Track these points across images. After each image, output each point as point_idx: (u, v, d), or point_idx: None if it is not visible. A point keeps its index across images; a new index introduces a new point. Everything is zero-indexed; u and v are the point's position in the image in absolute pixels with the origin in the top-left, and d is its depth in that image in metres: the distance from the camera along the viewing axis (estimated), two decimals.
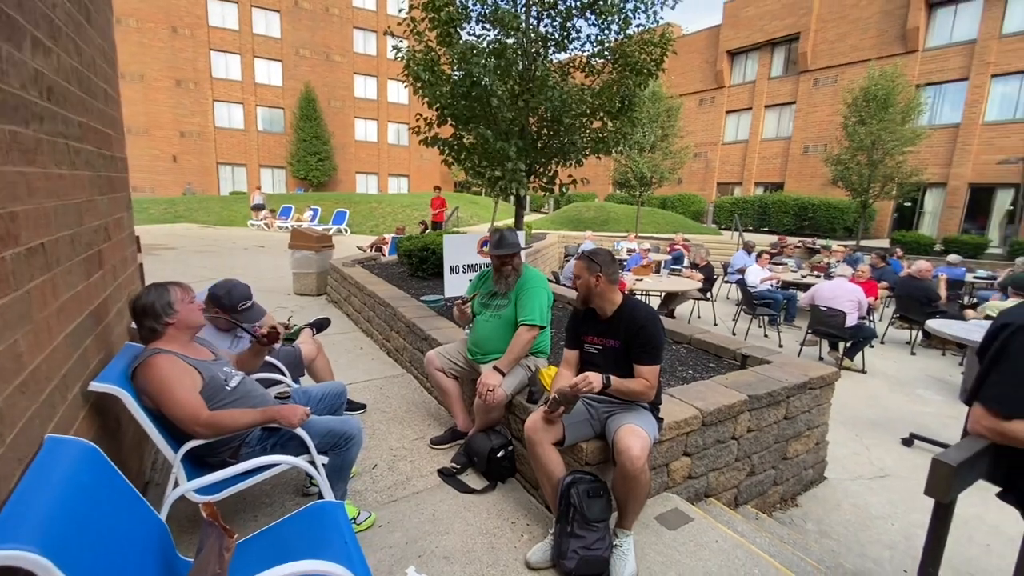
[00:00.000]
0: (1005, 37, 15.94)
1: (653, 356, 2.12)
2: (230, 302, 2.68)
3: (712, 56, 25.04)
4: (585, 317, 2.35)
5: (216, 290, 2.71)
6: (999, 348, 1.53)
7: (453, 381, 3.06)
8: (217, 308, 2.66)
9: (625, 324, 2.18)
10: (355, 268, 6.92)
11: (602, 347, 2.24)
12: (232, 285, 2.74)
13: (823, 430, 3.54)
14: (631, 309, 2.22)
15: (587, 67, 4.31)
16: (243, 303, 2.71)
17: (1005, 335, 1.53)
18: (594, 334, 2.26)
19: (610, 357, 2.21)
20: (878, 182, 14.75)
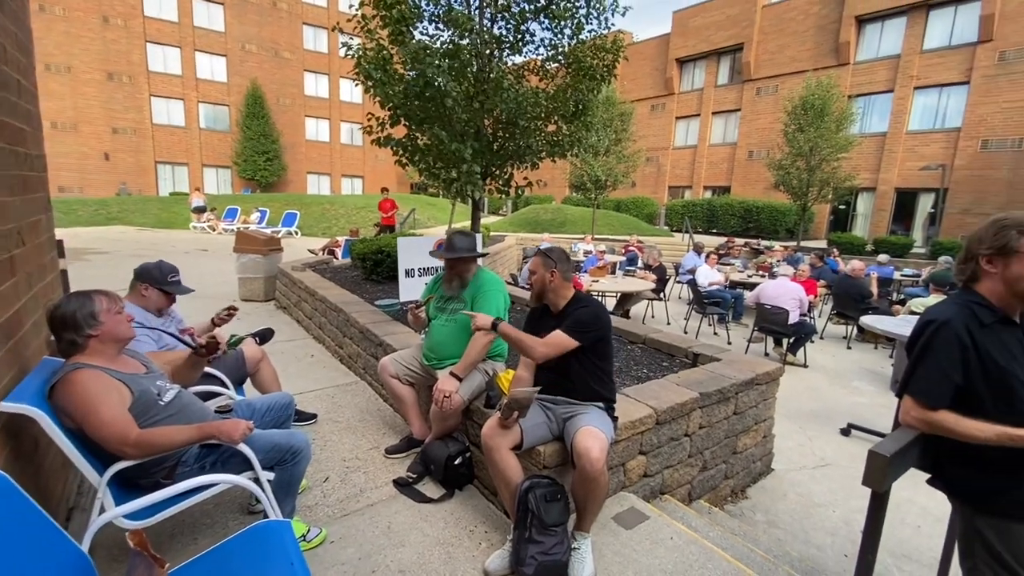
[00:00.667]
0: (925, 53, 17.28)
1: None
2: (160, 274, 2.67)
3: (662, 64, 25.85)
4: (541, 314, 2.37)
5: (145, 266, 2.69)
6: (924, 344, 1.63)
7: (409, 388, 2.99)
8: (147, 284, 2.64)
9: (571, 315, 2.24)
10: (305, 272, 6.68)
11: None
12: (159, 261, 2.75)
13: (770, 424, 3.69)
14: (578, 302, 2.30)
15: (541, 71, 4.33)
16: (172, 275, 2.72)
17: (929, 331, 1.62)
18: (547, 330, 2.26)
19: (567, 352, 2.21)
20: (815, 186, 15.65)
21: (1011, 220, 1.56)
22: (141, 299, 2.63)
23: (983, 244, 1.60)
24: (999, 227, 1.57)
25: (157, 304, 2.68)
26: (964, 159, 16.39)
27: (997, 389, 1.56)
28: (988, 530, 1.60)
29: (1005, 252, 1.55)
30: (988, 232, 1.59)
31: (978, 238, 1.62)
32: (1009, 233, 1.54)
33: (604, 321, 2.24)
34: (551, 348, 2.18)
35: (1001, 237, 1.56)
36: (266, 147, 27.33)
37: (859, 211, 19.72)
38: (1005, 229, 1.55)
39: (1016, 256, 1.53)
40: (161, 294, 2.67)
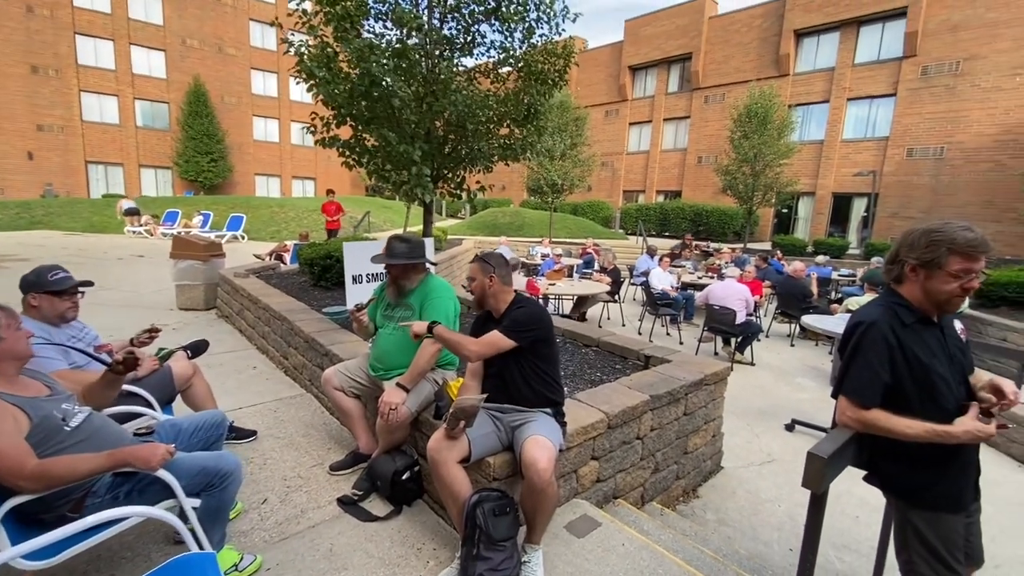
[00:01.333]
0: (857, 66, 18.43)
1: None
2: (38, 277, 2.36)
3: (616, 70, 26.43)
4: (485, 320, 2.33)
5: (24, 276, 2.38)
6: (854, 345, 1.68)
7: (354, 400, 2.86)
8: (32, 293, 2.35)
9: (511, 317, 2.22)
10: (249, 279, 6.35)
11: None
12: (37, 267, 2.44)
13: (719, 423, 3.77)
14: (516, 304, 2.28)
15: (493, 74, 4.29)
16: (53, 273, 2.40)
17: (859, 333, 1.67)
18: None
19: (508, 356, 2.17)
20: (760, 191, 16.39)
21: (944, 236, 1.54)
22: (35, 311, 2.32)
23: (913, 252, 1.62)
24: (931, 240, 1.57)
25: (54, 312, 2.37)
26: (892, 166, 17.58)
27: (921, 386, 1.62)
28: (920, 523, 1.67)
29: (930, 266, 1.57)
30: (920, 241, 1.60)
31: (909, 244, 1.63)
32: (940, 250, 1.55)
33: (542, 322, 2.22)
34: (484, 347, 2.15)
35: (931, 251, 1.57)
36: (210, 147, 26.06)
37: (800, 214, 20.78)
38: (937, 245, 1.55)
39: (939, 272, 1.56)
40: (52, 297, 2.36)
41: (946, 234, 1.55)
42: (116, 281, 8.71)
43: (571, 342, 4.48)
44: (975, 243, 1.52)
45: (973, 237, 1.53)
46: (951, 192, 16.39)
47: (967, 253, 1.53)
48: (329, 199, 13.34)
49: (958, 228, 1.55)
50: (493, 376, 2.24)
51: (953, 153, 16.30)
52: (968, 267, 1.54)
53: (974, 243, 1.52)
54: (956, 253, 1.53)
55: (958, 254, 1.53)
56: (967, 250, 1.53)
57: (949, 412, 1.62)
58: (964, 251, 1.53)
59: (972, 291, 1.57)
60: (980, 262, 1.55)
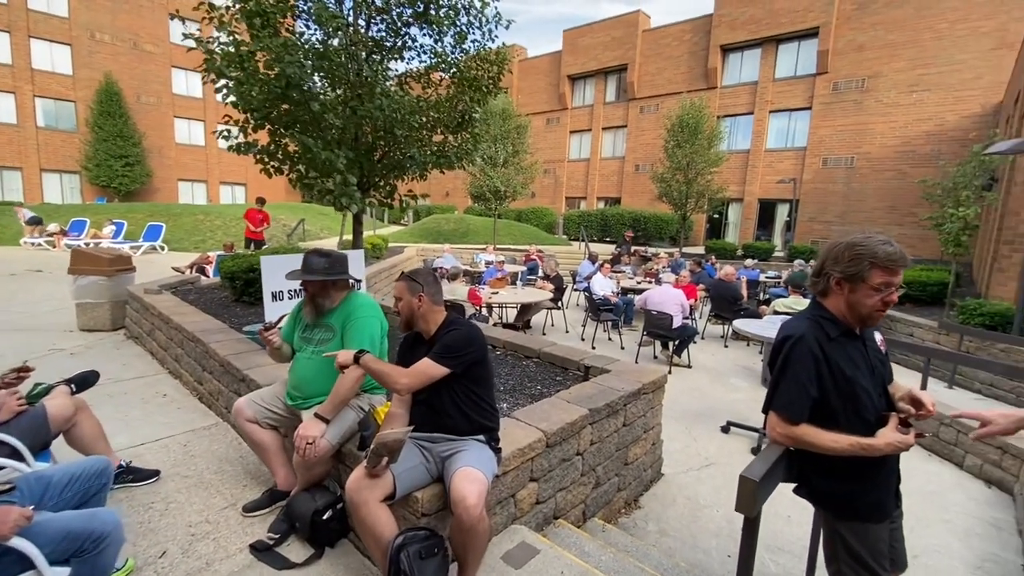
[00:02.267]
0: (777, 81, 19.72)
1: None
2: None
3: (556, 79, 26.89)
4: (413, 343, 2.17)
5: None
6: (784, 359, 1.67)
7: (271, 432, 2.60)
8: None
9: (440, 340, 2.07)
10: (162, 295, 5.80)
11: None
12: None
13: (658, 430, 3.78)
14: (449, 325, 2.13)
15: (425, 79, 4.13)
16: None
17: (787, 347, 1.66)
18: (420, 358, 2.06)
19: (439, 382, 2.02)
20: (693, 197, 17.13)
21: (867, 249, 1.56)
22: None
23: (837, 265, 1.63)
24: (855, 254, 1.58)
25: None
26: (810, 174, 18.90)
27: (846, 399, 1.63)
28: (848, 534, 1.68)
29: (854, 279, 1.59)
30: (844, 255, 1.61)
31: (834, 257, 1.64)
32: (862, 263, 1.57)
33: (477, 343, 2.08)
34: (415, 378, 1.98)
35: (854, 264, 1.58)
36: (125, 150, 24.04)
37: (730, 220, 21.92)
38: (859, 258, 1.57)
39: (862, 286, 1.58)
40: None
41: (868, 248, 1.57)
42: (5, 301, 7.75)
43: (512, 354, 4.38)
44: (895, 257, 1.55)
45: (893, 251, 1.56)
46: (861, 198, 17.83)
47: (887, 267, 1.56)
48: (256, 207, 12.36)
49: (879, 242, 1.57)
50: (422, 403, 2.08)
51: (861, 162, 17.75)
52: (888, 280, 1.57)
53: (894, 257, 1.55)
54: (878, 267, 1.56)
55: (879, 268, 1.56)
56: (888, 264, 1.55)
57: (871, 424, 1.64)
58: (885, 264, 1.55)
59: (891, 304, 1.60)
60: (899, 276, 1.58)
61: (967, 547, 3.20)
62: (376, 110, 3.28)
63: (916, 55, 16.39)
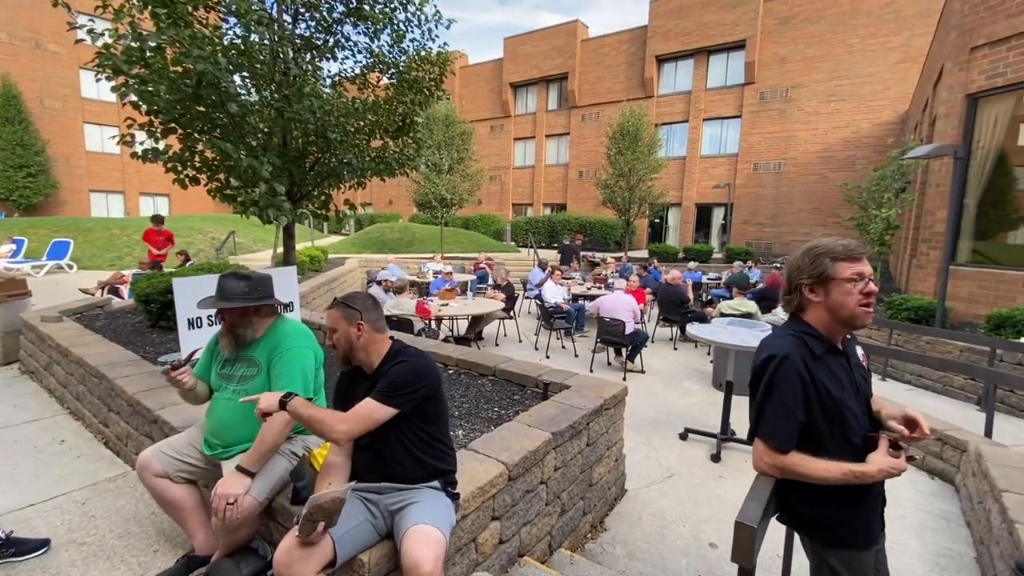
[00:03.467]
0: (709, 90, 20.63)
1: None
2: None
3: (498, 86, 26.90)
4: (352, 379, 1.87)
5: None
6: (768, 382, 1.53)
7: (187, 488, 2.21)
8: None
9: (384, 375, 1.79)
10: (62, 323, 5.09)
11: None
12: None
13: (620, 445, 3.65)
14: (395, 357, 1.85)
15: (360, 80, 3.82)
16: None
17: (772, 368, 1.53)
18: (361, 395, 1.78)
19: (385, 424, 1.74)
20: (636, 203, 17.54)
21: (822, 248, 1.55)
22: None
23: (803, 274, 1.57)
24: (813, 256, 1.56)
25: None
26: (742, 179, 19.87)
27: (833, 421, 1.52)
28: (836, 561, 1.57)
29: (823, 280, 1.53)
30: (804, 261, 1.57)
31: (797, 267, 1.59)
32: (823, 261, 1.53)
33: (428, 376, 1.81)
34: (357, 423, 1.69)
35: (817, 265, 1.54)
36: (26, 159, 21.68)
37: (670, 224, 22.67)
38: (819, 257, 1.54)
39: (834, 283, 1.52)
40: None
41: (823, 246, 1.55)
42: None
43: (466, 373, 4.12)
44: (851, 247, 1.53)
45: (847, 243, 1.55)
46: (788, 201, 18.92)
47: (849, 256, 1.51)
48: (154, 227, 10.57)
49: (831, 240, 1.57)
50: (366, 450, 1.80)
51: (788, 168, 18.85)
52: (858, 270, 1.50)
53: (850, 247, 1.53)
54: (840, 259, 1.51)
55: (842, 260, 1.51)
56: (848, 254, 1.52)
57: (857, 446, 1.53)
58: (845, 255, 1.51)
59: (873, 296, 1.52)
60: (865, 264, 1.53)
61: (922, 543, 3.26)
62: (306, 112, 2.94)
63: (832, 68, 17.63)
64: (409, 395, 1.73)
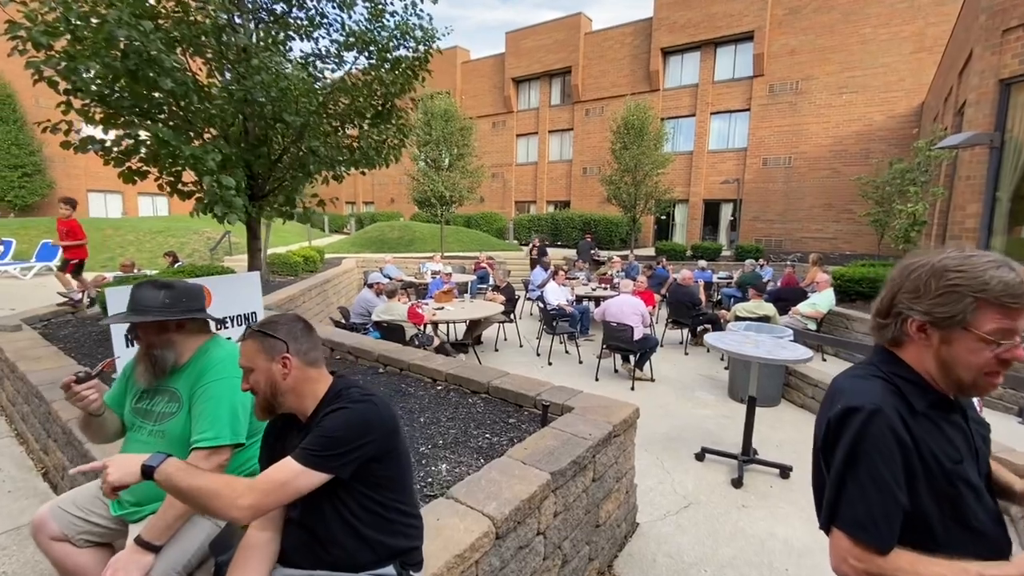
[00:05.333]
0: (717, 83, 20.05)
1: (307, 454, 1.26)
2: None
3: (500, 82, 26.40)
4: (284, 428, 1.41)
5: None
6: (851, 447, 1.05)
7: (94, 554, 1.76)
8: None
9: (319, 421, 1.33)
10: (20, 332, 4.68)
11: None
12: None
13: (631, 475, 3.19)
14: (335, 400, 1.37)
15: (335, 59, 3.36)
16: None
17: (857, 426, 1.05)
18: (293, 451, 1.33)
19: (319, 493, 1.29)
20: (642, 199, 17.00)
21: (968, 278, 0.98)
22: None
23: (920, 301, 1.04)
24: (950, 285, 0.99)
25: None
26: (751, 174, 19.30)
27: (944, 501, 1.05)
28: None
29: (948, 325, 1.01)
30: (930, 286, 1.02)
31: (913, 289, 1.05)
32: (963, 301, 0.98)
33: (376, 428, 1.33)
34: (268, 495, 1.20)
35: (949, 302, 0.99)
36: (21, 159, 21.39)
37: (677, 221, 22.12)
38: (958, 293, 0.98)
39: (964, 336, 1.00)
40: None
41: (971, 275, 0.97)
42: None
43: (455, 390, 3.67)
44: (1017, 287, 0.95)
45: (1013, 279, 0.95)
46: (800, 196, 18.34)
47: (1006, 304, 0.96)
48: (63, 215, 7.22)
49: (989, 265, 0.97)
50: (296, 525, 1.35)
51: (799, 162, 18.27)
52: (1010, 326, 0.97)
53: (1016, 288, 0.95)
54: (989, 305, 0.96)
55: (993, 306, 0.96)
56: (1007, 299, 0.96)
57: (981, 534, 1.07)
58: (1002, 301, 0.96)
59: (1013, 363, 1.01)
60: (1021, 318, 0.98)
61: None
62: (257, 90, 2.48)
63: (844, 59, 17.03)
64: (347, 455, 1.27)
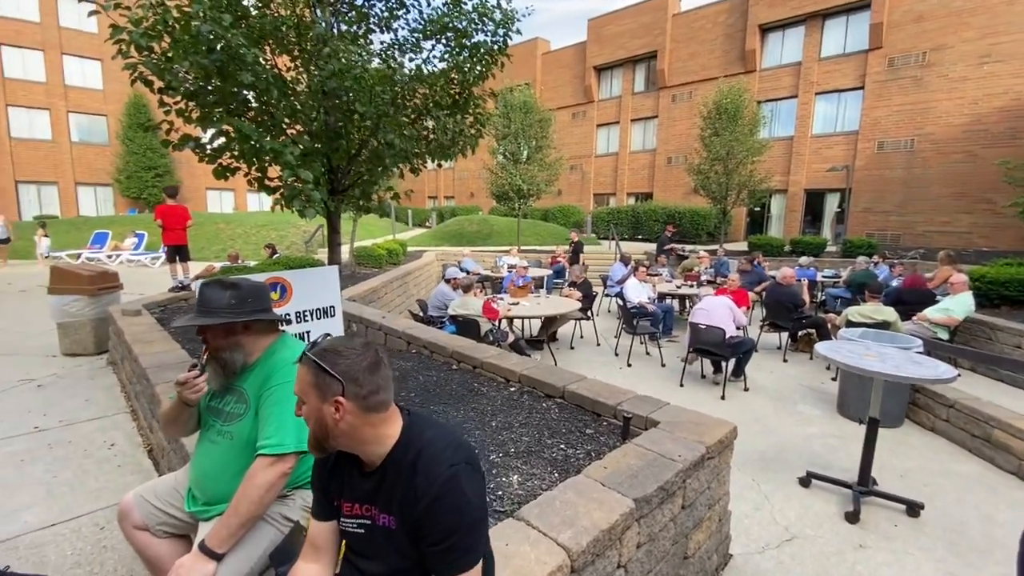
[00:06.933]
0: (824, 60, 18.12)
1: (462, 560, 1.07)
2: None
3: (581, 71, 25.81)
4: (338, 464, 1.24)
5: None
6: None
7: (173, 544, 1.78)
8: None
9: (403, 488, 1.10)
10: (140, 317, 5.17)
11: (369, 523, 1.17)
12: None
13: (725, 501, 2.83)
14: (415, 458, 1.11)
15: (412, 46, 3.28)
16: None
17: None
18: (354, 498, 1.19)
19: (384, 543, 1.14)
20: (733, 189, 15.75)
21: None
22: None
23: None
24: None
25: None
26: (863, 160, 17.26)
27: None
28: None
29: None
30: None
31: None
32: None
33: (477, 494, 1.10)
34: None
35: None
36: (154, 162, 24.33)
37: (773, 213, 20.38)
38: None
39: None
40: None
41: None
42: (7, 319, 7.38)
43: (529, 392, 3.49)
44: None
45: None
46: (923, 185, 16.11)
47: None
48: (169, 201, 8.13)
49: None
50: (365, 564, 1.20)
51: (923, 145, 16.04)
52: None
53: None
54: None
55: None
56: None
57: None
58: None
59: None
60: None
61: None
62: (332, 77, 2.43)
63: (987, 23, 14.62)
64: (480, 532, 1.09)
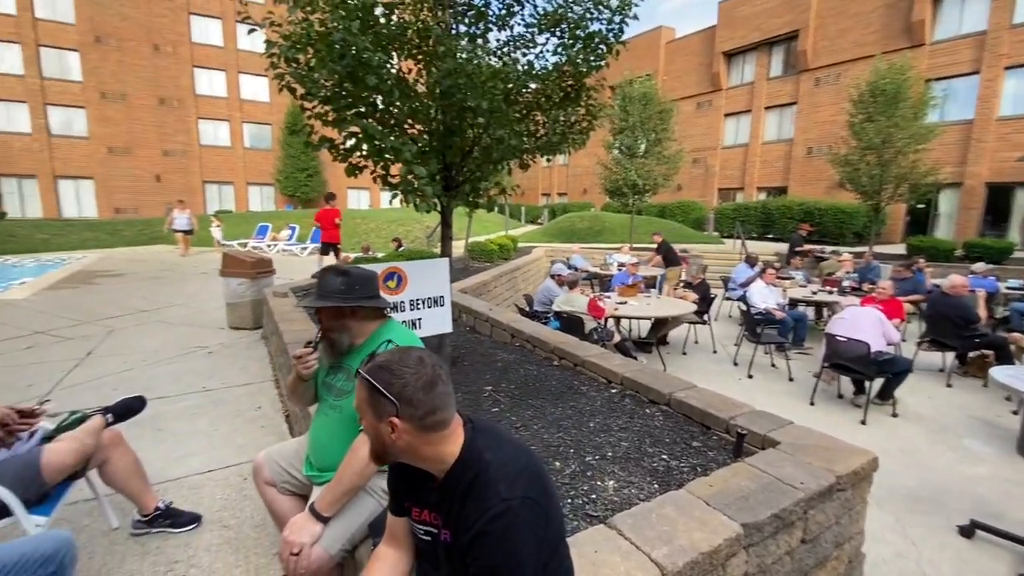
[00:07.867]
0: (1016, 27, 14.89)
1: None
2: None
3: (708, 58, 24.16)
4: (411, 476, 1.21)
5: None
6: None
7: (294, 502, 2.00)
8: None
9: (458, 509, 1.09)
10: (286, 298, 5.91)
11: (435, 532, 1.18)
12: None
13: (857, 542, 2.45)
14: (471, 481, 1.08)
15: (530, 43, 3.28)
16: None
17: None
18: (423, 505, 1.21)
19: (445, 556, 1.16)
20: (891, 183, 13.51)
21: None
22: None
23: None
24: None
25: None
26: None
27: None
28: None
29: None
30: None
31: None
32: None
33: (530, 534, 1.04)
34: None
35: None
36: (306, 163, 27.65)
37: (941, 210, 17.29)
38: None
39: None
40: None
41: None
42: (186, 298, 8.91)
43: (631, 395, 3.34)
44: None
45: None
46: None
47: None
48: (329, 206, 10.95)
49: None
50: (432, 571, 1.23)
51: None
52: None
53: None
54: None
55: None
56: None
57: None
58: None
59: None
60: None
61: None
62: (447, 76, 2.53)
63: None
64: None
